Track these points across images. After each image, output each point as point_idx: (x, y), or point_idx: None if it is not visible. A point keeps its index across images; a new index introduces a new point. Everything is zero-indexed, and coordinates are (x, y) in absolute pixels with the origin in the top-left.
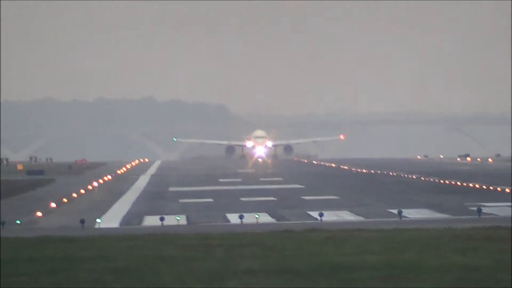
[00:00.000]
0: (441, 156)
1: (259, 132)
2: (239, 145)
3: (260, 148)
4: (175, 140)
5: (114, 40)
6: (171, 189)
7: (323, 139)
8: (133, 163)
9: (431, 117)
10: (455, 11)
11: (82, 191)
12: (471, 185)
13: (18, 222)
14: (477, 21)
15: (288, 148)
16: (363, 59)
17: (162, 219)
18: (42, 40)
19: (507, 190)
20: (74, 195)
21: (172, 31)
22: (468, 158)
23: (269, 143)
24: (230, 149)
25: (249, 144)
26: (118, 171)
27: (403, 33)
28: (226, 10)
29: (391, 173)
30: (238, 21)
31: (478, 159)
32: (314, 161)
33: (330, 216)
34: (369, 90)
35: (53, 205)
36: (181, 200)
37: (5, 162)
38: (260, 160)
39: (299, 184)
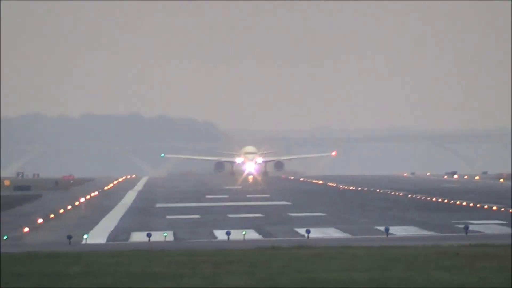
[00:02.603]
0: (428, 174)
1: (250, 148)
2: (228, 161)
3: (250, 164)
4: (163, 156)
5: (102, 56)
6: (158, 205)
7: (314, 156)
8: (120, 179)
9: (418, 134)
10: (443, 29)
11: (69, 207)
12: (458, 202)
13: (5, 237)
14: (463, 39)
15: (279, 165)
16: (350, 76)
17: (149, 235)
18: (30, 55)
19: (494, 207)
20: (61, 210)
21: (159, 47)
22: (455, 176)
23: (260, 159)
24: (219, 165)
25: (239, 160)
26: (105, 187)
27: (389, 51)
28: (214, 27)
29: (378, 190)
30: (226, 38)
31: (465, 177)
32: (301, 178)
33: (317, 233)
34: (356, 107)
35: (40, 220)
36: (168, 216)
37: None
38: (250, 177)
39: (286, 201)
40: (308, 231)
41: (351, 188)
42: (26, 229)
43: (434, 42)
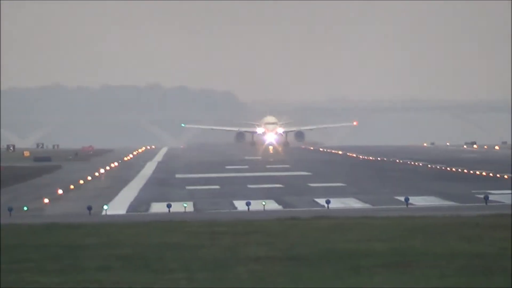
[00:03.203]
0: (448, 144)
1: (270, 118)
2: (249, 132)
3: (271, 134)
4: (184, 125)
5: (121, 26)
6: (178, 176)
7: (336, 125)
8: (140, 150)
9: (438, 104)
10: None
11: (89, 177)
12: (478, 172)
13: (25, 208)
14: (482, 7)
15: (299, 135)
16: (368, 44)
17: (169, 206)
18: (49, 26)
19: None
20: (81, 181)
21: (178, 17)
22: (475, 146)
23: (280, 130)
24: (240, 135)
25: (259, 130)
26: (125, 158)
27: (408, 18)
28: None
29: (397, 161)
30: (245, 8)
31: (485, 147)
32: (320, 148)
33: (337, 203)
34: (374, 77)
35: (60, 191)
36: (188, 187)
37: (11, 148)
38: (270, 147)
39: (306, 171)
40: (328, 202)
41: (370, 158)
42: (46, 200)
43: (454, 10)
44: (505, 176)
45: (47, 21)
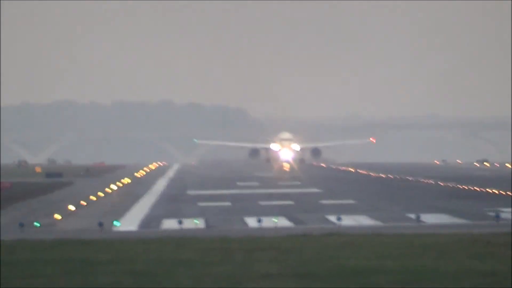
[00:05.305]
0: (459, 161)
1: (286, 135)
2: (264, 148)
3: (286, 151)
4: (196, 141)
5: (134, 44)
6: (190, 192)
7: (353, 142)
8: (152, 166)
9: (449, 122)
10: (468, 12)
11: (101, 194)
12: (489, 190)
13: (37, 224)
14: (494, 22)
15: (315, 152)
16: (381, 63)
17: (180, 222)
18: (62, 43)
19: None
20: (93, 197)
21: (191, 35)
22: (486, 163)
23: (296, 146)
24: (254, 152)
25: (274, 147)
26: (137, 174)
27: (420, 36)
28: (246, 15)
29: (409, 178)
30: (258, 26)
31: (496, 164)
32: (332, 165)
33: (348, 221)
34: (387, 95)
35: (71, 207)
36: (199, 204)
37: (23, 164)
38: (285, 164)
39: (317, 188)
40: (339, 219)
41: (382, 175)
42: (57, 216)
43: (469, 28)
44: None
45: (60, 38)
